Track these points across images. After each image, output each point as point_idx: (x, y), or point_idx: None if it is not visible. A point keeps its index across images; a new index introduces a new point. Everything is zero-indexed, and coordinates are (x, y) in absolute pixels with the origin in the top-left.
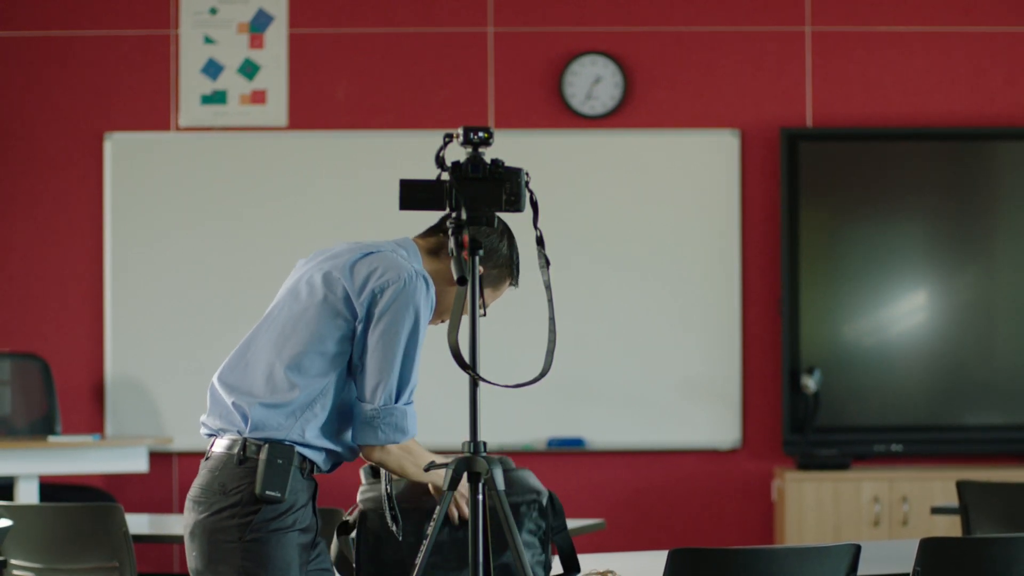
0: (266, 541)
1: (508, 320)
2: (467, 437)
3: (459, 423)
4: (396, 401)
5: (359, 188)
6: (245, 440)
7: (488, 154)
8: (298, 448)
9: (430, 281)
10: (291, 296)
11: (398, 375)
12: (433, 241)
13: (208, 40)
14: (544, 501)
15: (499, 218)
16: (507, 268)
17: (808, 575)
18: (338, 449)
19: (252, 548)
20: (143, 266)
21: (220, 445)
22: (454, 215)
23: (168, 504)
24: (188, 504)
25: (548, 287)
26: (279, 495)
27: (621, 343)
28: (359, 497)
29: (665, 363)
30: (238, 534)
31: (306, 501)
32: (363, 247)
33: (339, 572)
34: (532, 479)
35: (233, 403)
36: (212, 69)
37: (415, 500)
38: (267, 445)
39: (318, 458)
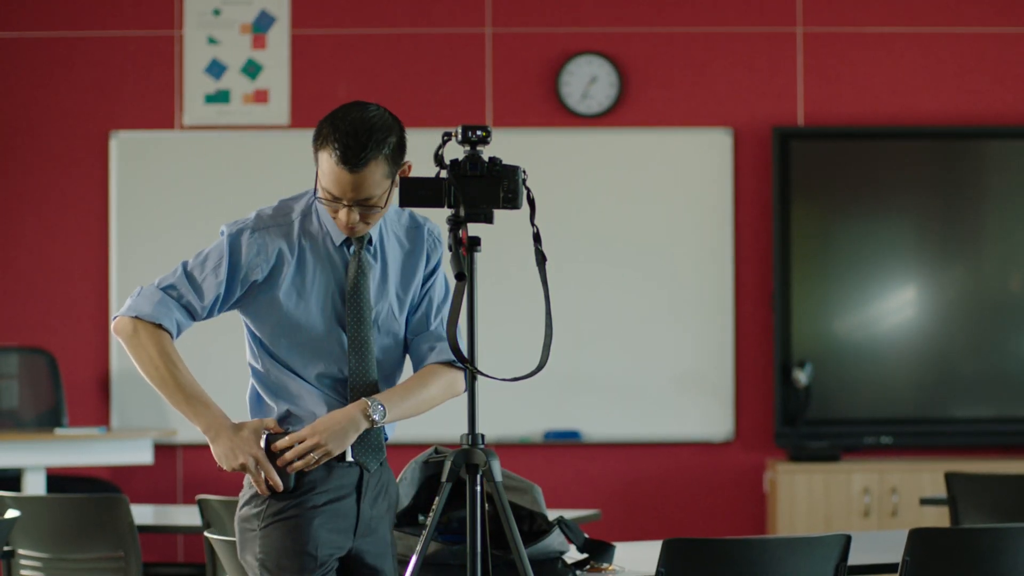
0: (279, 527)
1: (505, 315)
2: (465, 430)
3: (458, 416)
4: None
5: None
6: None
7: (486, 152)
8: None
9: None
10: None
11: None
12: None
13: (211, 40)
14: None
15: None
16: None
17: (799, 565)
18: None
19: (267, 535)
20: (148, 261)
21: None
22: (452, 212)
23: (172, 495)
24: None
25: (544, 282)
26: (284, 484)
27: (616, 338)
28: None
29: (659, 357)
30: (257, 523)
31: (337, 485)
32: None
33: None
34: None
35: None
36: (215, 69)
37: None
38: (266, 434)
39: None
